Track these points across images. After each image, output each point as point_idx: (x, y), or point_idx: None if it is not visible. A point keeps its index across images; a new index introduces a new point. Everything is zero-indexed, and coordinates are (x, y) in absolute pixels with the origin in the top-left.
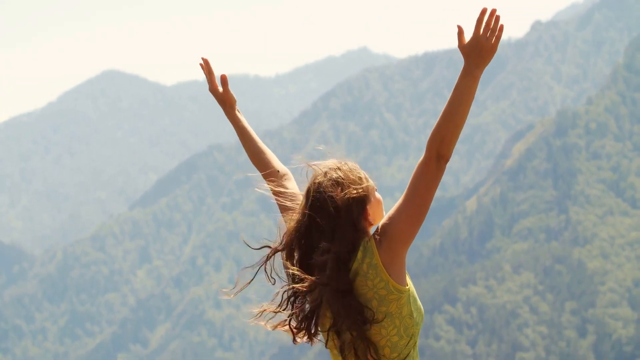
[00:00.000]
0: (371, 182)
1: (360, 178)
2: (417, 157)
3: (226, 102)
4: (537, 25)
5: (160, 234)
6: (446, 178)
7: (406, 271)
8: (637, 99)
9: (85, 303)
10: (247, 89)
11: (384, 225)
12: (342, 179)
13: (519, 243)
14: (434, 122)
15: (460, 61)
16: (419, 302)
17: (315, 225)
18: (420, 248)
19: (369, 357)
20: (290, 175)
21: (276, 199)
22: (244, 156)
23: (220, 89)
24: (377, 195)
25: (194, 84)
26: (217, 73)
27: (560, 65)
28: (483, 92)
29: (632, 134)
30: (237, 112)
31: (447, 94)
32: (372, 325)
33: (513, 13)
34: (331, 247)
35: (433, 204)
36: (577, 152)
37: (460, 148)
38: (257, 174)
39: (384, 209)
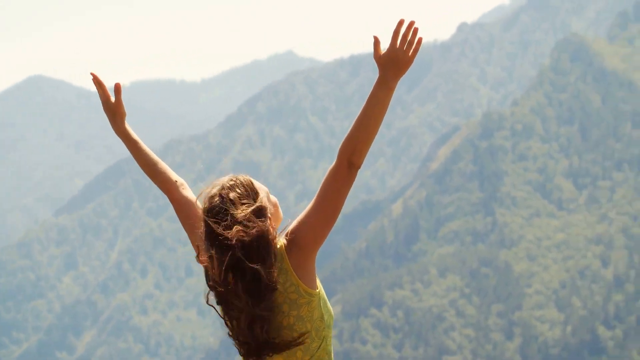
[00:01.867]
0: (264, 189)
1: (254, 190)
2: None
3: (117, 113)
4: (463, 27)
5: (86, 240)
6: (372, 181)
7: (316, 275)
8: (563, 101)
9: (11, 310)
10: (173, 93)
11: (293, 230)
12: (239, 195)
13: (445, 246)
14: None
15: None
16: (329, 305)
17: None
18: (346, 251)
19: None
20: (186, 184)
21: (183, 221)
22: (169, 160)
23: (113, 98)
24: (272, 198)
25: (121, 89)
26: (145, 78)
27: (486, 67)
28: (409, 95)
29: (559, 136)
30: (126, 125)
31: None
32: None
33: (439, 15)
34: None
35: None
36: (503, 154)
37: (386, 151)
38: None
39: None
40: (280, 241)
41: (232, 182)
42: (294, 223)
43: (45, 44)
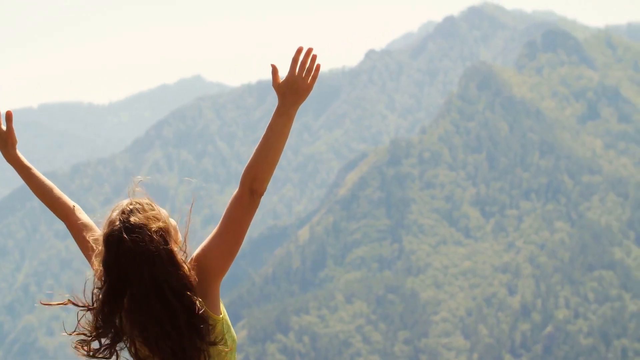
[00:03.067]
0: (164, 212)
1: (156, 213)
2: None
3: (8, 141)
4: (371, 54)
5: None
6: (279, 207)
7: (220, 300)
8: (471, 129)
9: None
10: (81, 116)
11: (197, 257)
12: (141, 218)
13: (352, 272)
14: None
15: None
16: (232, 330)
17: (126, 271)
18: (253, 277)
19: None
20: (79, 208)
21: (80, 244)
22: (77, 183)
23: (4, 126)
24: (172, 221)
25: (28, 110)
26: (50, 100)
27: (394, 94)
28: (316, 121)
29: (466, 164)
30: (18, 153)
31: None
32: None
33: (347, 41)
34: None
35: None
36: (410, 181)
37: (293, 177)
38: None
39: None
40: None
41: (131, 206)
42: (198, 250)
43: None
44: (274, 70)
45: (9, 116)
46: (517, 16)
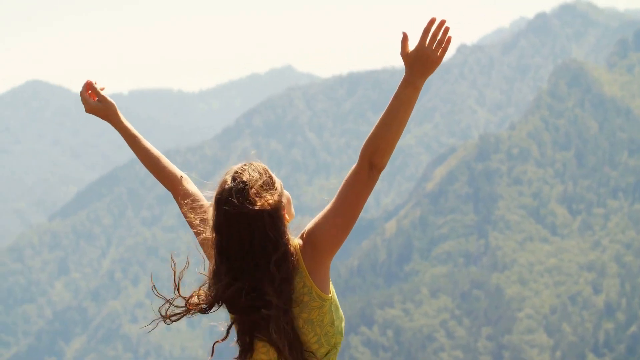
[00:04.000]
0: (278, 179)
1: (270, 176)
2: (338, 177)
3: (109, 107)
4: (462, 49)
5: (79, 246)
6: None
7: (330, 279)
8: (560, 126)
9: (1, 313)
10: (170, 103)
11: (309, 232)
12: (254, 184)
13: (438, 267)
14: (356, 143)
15: (384, 82)
16: (341, 311)
17: (235, 240)
18: (339, 268)
19: None
20: (188, 177)
21: (187, 215)
22: None
23: (96, 98)
24: (286, 192)
25: (116, 96)
26: (141, 87)
27: (485, 90)
28: None
29: (554, 161)
30: (123, 119)
31: (370, 115)
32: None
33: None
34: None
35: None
36: (498, 177)
37: None
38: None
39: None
40: (295, 241)
41: (245, 167)
42: (310, 224)
43: (44, 49)
44: (404, 38)
45: (90, 85)
46: (609, 14)
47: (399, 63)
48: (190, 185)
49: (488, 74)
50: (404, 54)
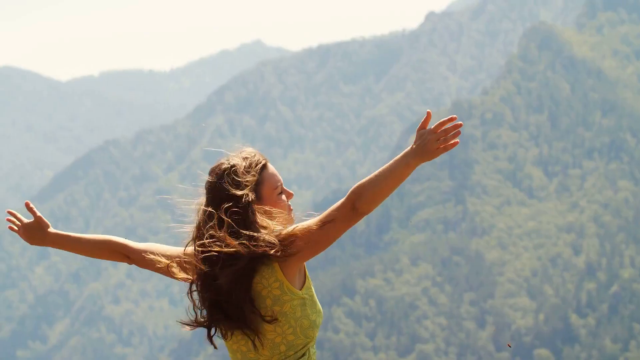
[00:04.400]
0: (274, 177)
1: (252, 172)
2: (313, 150)
3: (42, 226)
4: (431, 16)
5: (57, 230)
6: (342, 170)
7: (307, 275)
8: (532, 89)
9: None
10: (141, 83)
11: (286, 236)
12: (236, 172)
13: (416, 235)
14: (329, 115)
15: (354, 53)
16: (319, 305)
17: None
18: None
19: (264, 352)
20: (149, 244)
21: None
22: (140, 151)
23: (30, 219)
24: (272, 180)
25: (89, 79)
26: (113, 67)
27: (455, 56)
28: (378, 84)
29: (528, 124)
30: (53, 230)
31: (342, 86)
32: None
33: (407, 4)
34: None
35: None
36: (473, 142)
37: (356, 140)
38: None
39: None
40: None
41: (243, 156)
42: (289, 229)
43: (12, 34)
44: (427, 117)
45: (28, 206)
46: None
47: (368, 33)
48: (138, 246)
49: (458, 40)
50: (419, 129)
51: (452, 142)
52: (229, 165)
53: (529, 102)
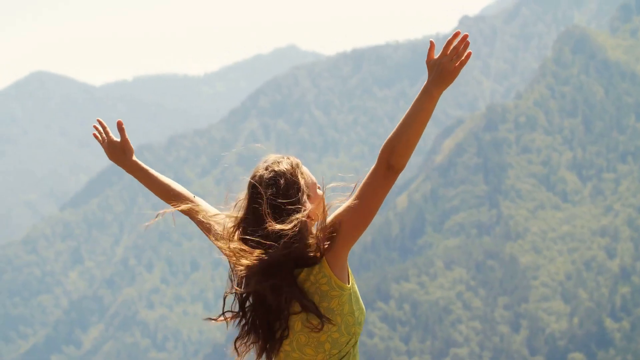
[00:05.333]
0: (312, 178)
1: (300, 174)
2: (347, 154)
3: (126, 150)
4: (464, 20)
5: (91, 235)
6: None
7: (349, 271)
8: (566, 93)
9: (18, 306)
10: (176, 87)
11: (328, 224)
12: (281, 172)
13: (451, 239)
14: (363, 119)
15: (388, 57)
16: (361, 303)
17: (256, 218)
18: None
19: (308, 350)
20: (198, 199)
21: (203, 227)
22: (174, 155)
23: (117, 138)
24: (319, 192)
25: (123, 83)
26: (148, 72)
27: (489, 60)
28: (412, 88)
29: (562, 128)
30: (135, 159)
31: (376, 91)
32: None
33: (441, 8)
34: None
35: None
36: (507, 146)
37: None
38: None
39: (325, 206)
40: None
41: (281, 159)
42: (330, 217)
43: (48, 39)
44: (431, 47)
45: (120, 126)
46: None
47: (402, 37)
48: (203, 206)
49: (492, 44)
50: (428, 61)
51: (465, 55)
52: (278, 168)
53: (563, 106)
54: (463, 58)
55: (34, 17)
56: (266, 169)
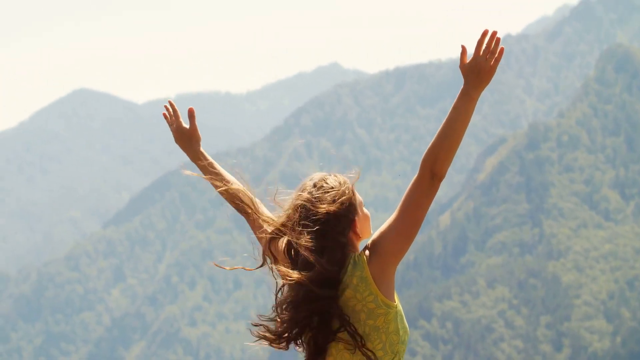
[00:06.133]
0: (358, 197)
1: (346, 191)
2: (389, 172)
3: (193, 138)
4: (507, 39)
5: (134, 253)
6: None
7: (395, 291)
8: (609, 112)
9: (60, 322)
10: (218, 105)
11: (374, 241)
12: (328, 192)
13: (493, 257)
14: (405, 137)
15: (431, 76)
16: (405, 322)
17: (303, 236)
18: None
19: None
20: (258, 201)
21: (250, 219)
22: None
23: (187, 125)
24: (365, 210)
25: (166, 101)
26: (189, 90)
27: (532, 79)
28: None
29: (604, 147)
30: (202, 149)
31: (419, 109)
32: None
33: (483, 27)
34: (321, 260)
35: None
36: (549, 165)
37: None
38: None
39: (371, 225)
40: (362, 251)
41: (327, 176)
42: (375, 234)
43: (91, 57)
44: (463, 52)
45: (191, 113)
46: None
47: (445, 56)
48: (262, 207)
49: (534, 63)
50: (462, 65)
51: (498, 51)
52: (328, 184)
53: (606, 125)
54: (497, 55)
55: (76, 34)
56: (314, 186)
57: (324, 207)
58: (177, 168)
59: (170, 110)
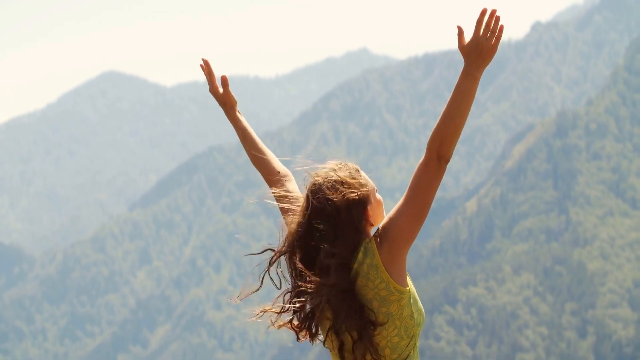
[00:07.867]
0: (371, 183)
1: (359, 179)
2: (417, 158)
3: (227, 103)
4: (537, 26)
5: (160, 235)
6: (446, 179)
7: (407, 273)
8: (637, 100)
9: (85, 304)
10: (247, 89)
11: (384, 226)
12: (341, 180)
13: (519, 244)
14: (434, 124)
15: (460, 62)
16: (420, 304)
17: (316, 228)
18: (420, 249)
19: (368, 358)
20: (291, 175)
21: (279, 204)
22: (244, 157)
23: (221, 90)
24: (378, 196)
25: (194, 85)
26: (217, 74)
27: (561, 66)
28: (483, 93)
29: (632, 135)
30: (237, 113)
31: (447, 95)
32: (375, 327)
33: (513, 14)
34: (334, 250)
35: (433, 204)
36: (577, 153)
37: (460, 149)
38: (257, 177)
39: (384, 210)
40: (372, 238)
41: (339, 166)
42: (385, 219)
43: (120, 39)
44: (460, 32)
45: (224, 81)
46: None
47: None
48: (289, 183)
49: (563, 51)
50: (461, 46)
51: (498, 29)
52: (338, 175)
53: (634, 113)
54: (497, 33)
55: (105, 16)
56: (325, 176)
57: (337, 197)
58: (204, 151)
59: (205, 70)
